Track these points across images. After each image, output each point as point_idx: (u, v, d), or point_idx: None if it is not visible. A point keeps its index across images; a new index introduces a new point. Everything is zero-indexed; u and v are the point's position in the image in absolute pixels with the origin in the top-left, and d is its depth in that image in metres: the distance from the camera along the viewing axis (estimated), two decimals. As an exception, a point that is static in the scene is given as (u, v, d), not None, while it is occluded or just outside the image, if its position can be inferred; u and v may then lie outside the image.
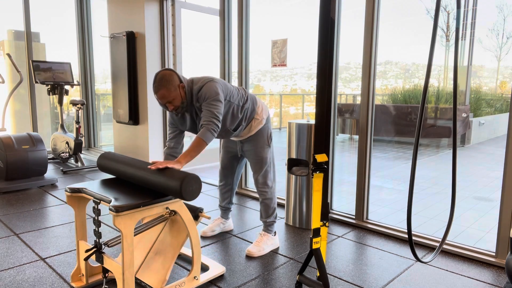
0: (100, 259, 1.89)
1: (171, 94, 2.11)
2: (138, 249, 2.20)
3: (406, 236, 2.76)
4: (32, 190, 3.94)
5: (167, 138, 2.44)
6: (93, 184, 2.01)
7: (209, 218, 2.10)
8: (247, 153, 2.56)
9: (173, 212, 1.93)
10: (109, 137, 6.47)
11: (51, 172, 4.73)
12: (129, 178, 2.01)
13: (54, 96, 5.13)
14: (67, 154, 4.89)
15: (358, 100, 3.92)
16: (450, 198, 2.11)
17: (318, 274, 1.88)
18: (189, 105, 2.21)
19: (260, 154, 2.51)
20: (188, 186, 1.76)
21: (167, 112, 2.27)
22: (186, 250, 2.49)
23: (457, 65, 1.86)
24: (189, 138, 4.03)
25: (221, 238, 2.78)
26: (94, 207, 1.86)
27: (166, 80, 2.10)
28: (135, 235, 1.95)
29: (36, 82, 4.72)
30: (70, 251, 2.53)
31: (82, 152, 5.99)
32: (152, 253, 2.12)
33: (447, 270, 2.32)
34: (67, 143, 4.88)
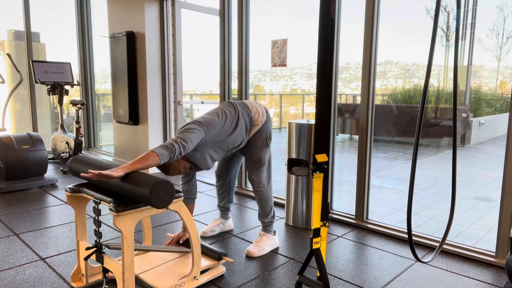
0: (100, 259, 1.89)
1: (179, 169, 2.20)
2: (150, 259, 2.25)
3: (406, 236, 2.76)
4: (32, 190, 3.94)
5: (181, 182, 2.50)
6: (93, 184, 2.01)
7: (232, 262, 2.24)
8: (244, 154, 2.55)
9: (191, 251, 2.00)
10: (109, 137, 6.48)
11: (51, 172, 4.73)
12: (100, 184, 1.92)
13: (54, 96, 5.13)
14: (67, 154, 4.89)
15: (358, 100, 3.92)
16: (450, 198, 2.11)
17: (318, 274, 1.88)
18: None
19: (257, 154, 2.49)
20: (157, 193, 1.66)
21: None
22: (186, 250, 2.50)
23: (457, 65, 1.86)
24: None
25: (221, 238, 2.78)
26: (94, 207, 1.86)
27: (168, 167, 2.15)
28: (156, 251, 1.97)
29: (36, 82, 4.72)
30: (70, 251, 2.53)
31: (82, 152, 5.99)
32: (162, 267, 2.17)
33: (447, 270, 2.32)
34: (67, 143, 4.88)
